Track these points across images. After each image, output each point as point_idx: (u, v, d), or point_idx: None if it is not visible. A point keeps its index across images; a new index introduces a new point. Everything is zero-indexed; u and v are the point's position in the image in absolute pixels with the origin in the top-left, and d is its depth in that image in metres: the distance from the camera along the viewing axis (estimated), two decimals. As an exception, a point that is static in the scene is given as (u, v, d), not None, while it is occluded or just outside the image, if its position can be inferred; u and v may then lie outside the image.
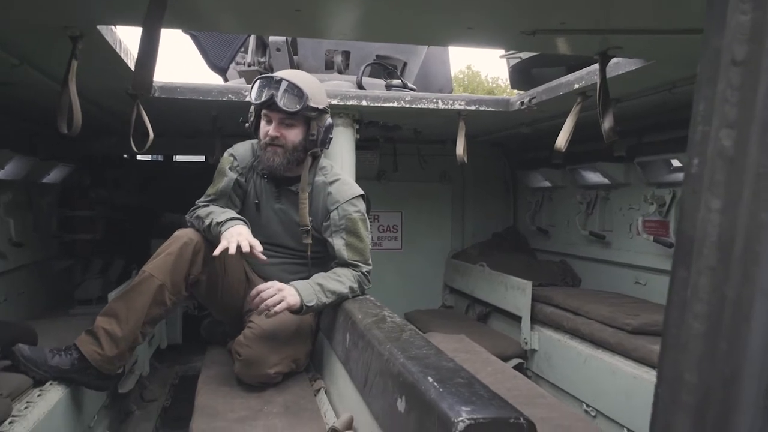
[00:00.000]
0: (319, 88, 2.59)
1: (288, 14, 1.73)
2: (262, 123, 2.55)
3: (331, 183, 2.63)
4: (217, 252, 2.31)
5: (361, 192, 2.66)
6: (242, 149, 2.72)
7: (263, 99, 2.45)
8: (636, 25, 1.76)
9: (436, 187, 5.11)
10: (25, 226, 3.59)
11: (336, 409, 2.26)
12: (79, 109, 1.92)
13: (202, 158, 5.77)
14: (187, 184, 3.66)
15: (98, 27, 1.83)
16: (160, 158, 6.05)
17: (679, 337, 0.60)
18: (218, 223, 2.42)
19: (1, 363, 2.28)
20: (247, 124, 2.66)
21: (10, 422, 1.93)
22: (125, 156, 5.40)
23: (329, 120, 2.62)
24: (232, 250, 2.28)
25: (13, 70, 2.22)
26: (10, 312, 3.30)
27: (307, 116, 2.52)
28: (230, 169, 2.67)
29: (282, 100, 2.44)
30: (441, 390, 1.32)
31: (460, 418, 1.16)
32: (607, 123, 2.06)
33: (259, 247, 2.35)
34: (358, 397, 1.95)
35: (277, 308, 2.33)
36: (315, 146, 2.58)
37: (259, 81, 2.50)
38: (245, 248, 2.31)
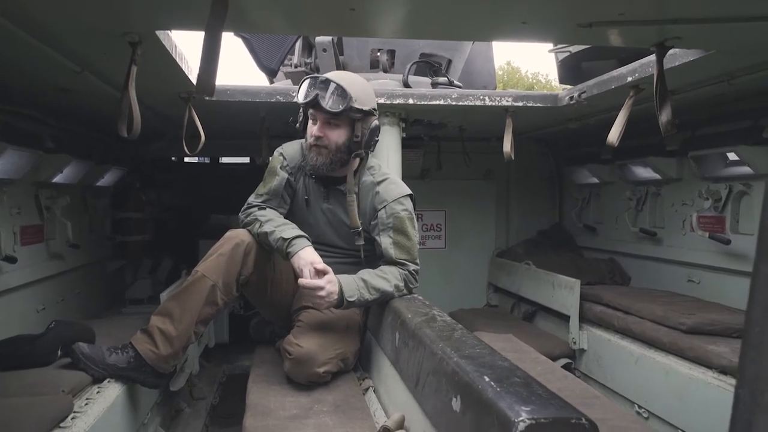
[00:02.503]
0: (366, 90, 2.56)
1: (343, 14, 1.73)
2: (309, 123, 2.57)
3: (379, 182, 2.62)
4: (301, 282, 2.37)
5: (409, 191, 2.64)
6: (291, 149, 2.74)
7: (309, 98, 2.46)
8: (697, 14, 1.69)
9: (480, 184, 5.05)
10: (81, 228, 3.71)
11: (385, 408, 2.27)
12: (138, 114, 1.97)
13: (247, 160, 5.88)
14: (232, 185, 3.72)
15: (156, 32, 1.87)
16: (207, 160, 6.19)
17: (762, 336, 0.58)
18: (284, 239, 2.46)
19: (62, 360, 2.36)
20: (297, 124, 2.68)
21: (72, 418, 2.00)
22: (173, 158, 5.54)
23: (376, 122, 2.58)
24: (307, 282, 2.36)
25: (74, 76, 2.28)
26: (67, 311, 3.41)
27: (351, 117, 2.51)
28: (281, 168, 2.68)
29: (326, 100, 2.44)
30: (498, 389, 1.30)
31: (521, 418, 1.15)
32: (664, 116, 1.99)
33: (327, 269, 2.40)
34: (409, 396, 1.94)
35: (323, 307, 2.43)
36: (359, 148, 2.56)
37: (306, 81, 2.51)
38: (313, 276, 2.38)
